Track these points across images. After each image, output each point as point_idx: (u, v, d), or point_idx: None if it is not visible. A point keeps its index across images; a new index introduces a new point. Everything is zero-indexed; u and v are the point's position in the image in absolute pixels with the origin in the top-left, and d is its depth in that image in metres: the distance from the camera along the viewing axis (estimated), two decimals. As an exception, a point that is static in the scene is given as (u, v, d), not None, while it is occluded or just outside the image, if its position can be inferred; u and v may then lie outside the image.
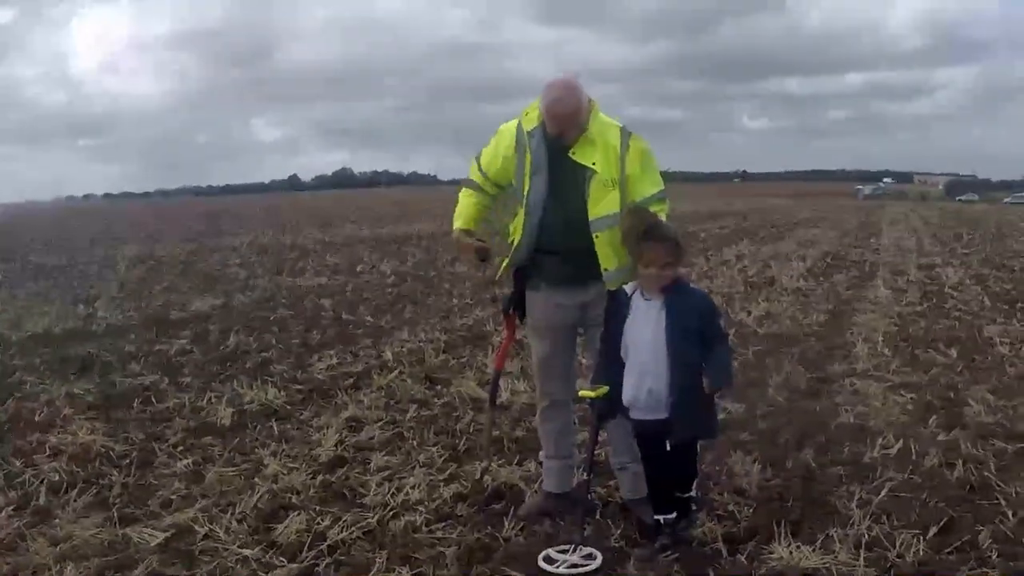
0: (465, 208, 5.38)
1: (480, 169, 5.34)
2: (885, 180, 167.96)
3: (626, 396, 4.63)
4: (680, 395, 4.48)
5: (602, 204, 4.91)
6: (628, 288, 4.69)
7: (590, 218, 4.91)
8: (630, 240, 4.63)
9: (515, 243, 5.15)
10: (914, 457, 6.16)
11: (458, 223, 5.38)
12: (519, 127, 5.11)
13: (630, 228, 4.66)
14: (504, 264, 5.28)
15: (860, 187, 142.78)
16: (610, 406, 4.71)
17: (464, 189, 5.43)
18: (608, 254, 4.91)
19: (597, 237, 4.90)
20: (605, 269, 4.93)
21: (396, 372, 8.87)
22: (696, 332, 4.51)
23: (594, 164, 4.91)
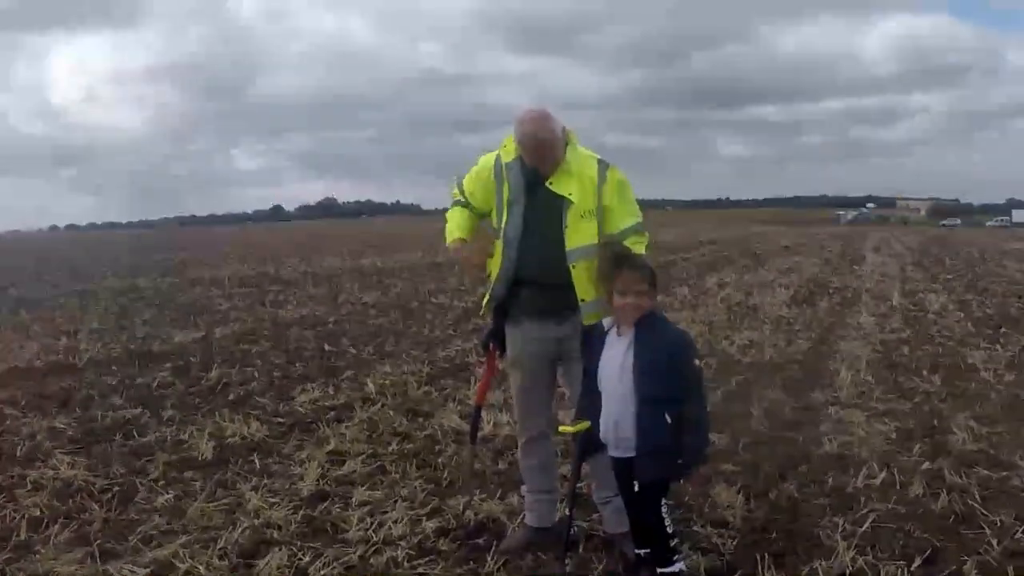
0: (457, 221, 5.32)
1: (463, 193, 5.34)
2: (868, 205, 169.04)
3: (601, 432, 4.58)
4: (645, 435, 4.39)
5: (579, 235, 4.91)
6: (606, 323, 4.65)
7: (567, 248, 4.91)
8: (604, 270, 4.61)
9: (493, 275, 5.14)
10: (898, 487, 6.16)
11: (453, 235, 5.30)
12: (498, 159, 5.13)
13: (603, 258, 4.64)
14: (486, 299, 5.26)
15: (841, 212, 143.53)
16: (591, 441, 4.66)
17: (452, 208, 5.39)
18: (585, 285, 4.90)
19: (574, 268, 4.90)
20: (582, 300, 4.92)
21: (379, 405, 8.85)
22: (666, 371, 4.37)
23: (570, 195, 4.92)
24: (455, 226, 5.30)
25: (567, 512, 4.94)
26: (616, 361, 4.47)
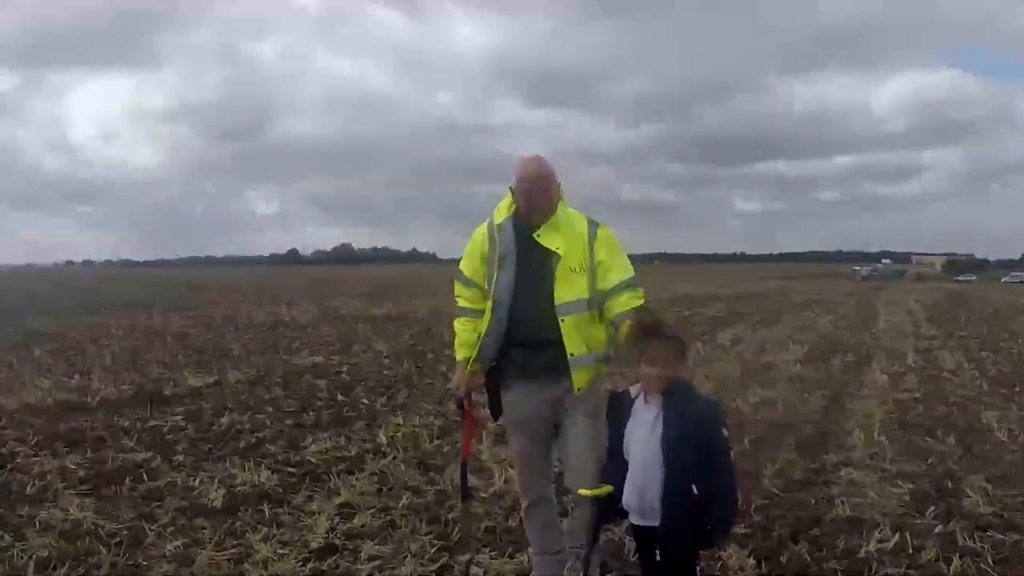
0: (465, 337, 5.29)
1: (465, 280, 5.31)
2: (883, 261, 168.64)
3: (624, 499, 4.56)
4: (671, 505, 4.38)
5: (568, 289, 4.91)
6: (633, 390, 4.64)
7: (556, 303, 4.89)
8: (632, 339, 4.60)
9: (480, 336, 5.13)
10: (910, 550, 6.12)
11: (460, 353, 5.31)
12: (490, 223, 5.16)
13: (631, 328, 4.63)
14: (471, 359, 5.23)
15: (857, 268, 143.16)
16: (611, 506, 4.63)
17: (459, 319, 5.35)
18: (574, 339, 4.89)
19: (563, 321, 4.88)
20: (571, 355, 4.90)
21: (390, 457, 8.80)
22: (694, 441, 4.36)
23: (558, 248, 4.92)
24: (463, 342, 5.29)
25: (581, 574, 4.90)
26: (644, 430, 4.46)
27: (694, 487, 4.30)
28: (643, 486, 4.43)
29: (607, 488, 4.56)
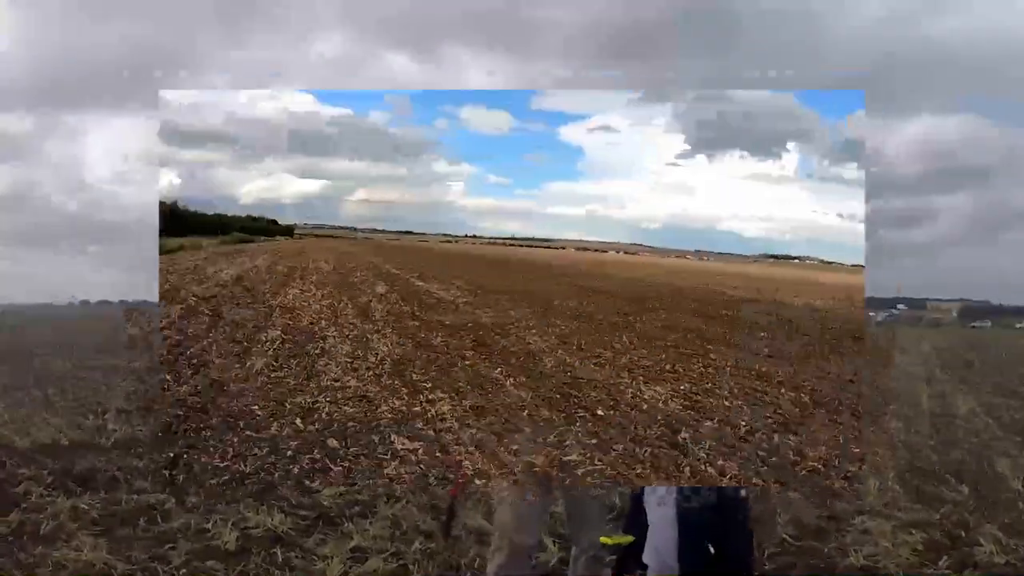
0: None
1: None
2: (899, 306, 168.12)
3: (644, 554, 4.55)
4: (686, 562, 4.38)
5: None
6: None
7: None
8: None
9: None
10: (923, 602, 6.09)
11: None
12: None
13: None
14: None
15: (872, 313, 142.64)
16: (632, 557, 4.62)
17: None
18: None
19: None
20: None
21: (403, 502, 8.78)
22: (708, 500, 4.38)
23: None
24: None
25: None
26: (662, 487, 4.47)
27: (710, 546, 4.29)
28: (659, 543, 4.44)
29: (628, 537, 4.56)
